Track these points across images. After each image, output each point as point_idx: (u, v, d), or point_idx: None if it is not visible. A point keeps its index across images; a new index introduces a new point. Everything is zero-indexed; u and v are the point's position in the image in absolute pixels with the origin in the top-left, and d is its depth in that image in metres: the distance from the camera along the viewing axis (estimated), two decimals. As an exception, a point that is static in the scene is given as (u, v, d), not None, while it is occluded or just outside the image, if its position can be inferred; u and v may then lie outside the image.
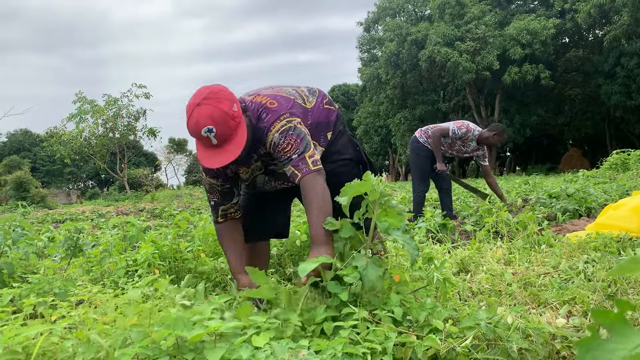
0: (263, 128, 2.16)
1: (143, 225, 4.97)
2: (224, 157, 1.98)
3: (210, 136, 1.95)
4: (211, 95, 1.98)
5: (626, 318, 0.50)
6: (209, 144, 1.99)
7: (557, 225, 4.93)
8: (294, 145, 2.12)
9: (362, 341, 1.50)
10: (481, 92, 34.31)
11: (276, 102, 2.24)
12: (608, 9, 27.19)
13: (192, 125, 1.96)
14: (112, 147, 32.46)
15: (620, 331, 0.49)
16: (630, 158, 14.06)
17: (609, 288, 2.56)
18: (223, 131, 1.96)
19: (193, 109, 1.96)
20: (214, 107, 1.95)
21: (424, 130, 5.88)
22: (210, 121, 1.93)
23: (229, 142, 1.99)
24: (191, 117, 1.96)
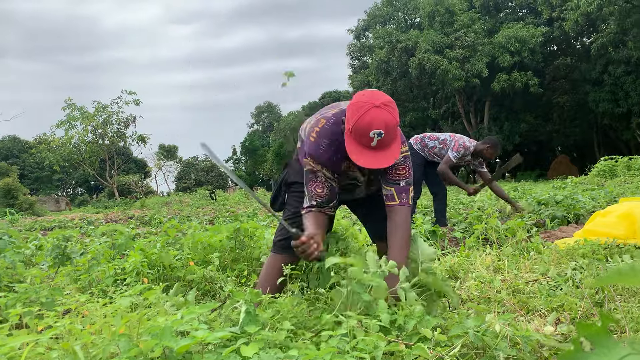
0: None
1: (132, 232, 4.94)
2: (379, 161, 2.06)
3: (375, 138, 2.02)
4: (389, 103, 2.08)
5: (609, 330, 0.50)
6: (366, 144, 2.04)
7: (546, 232, 4.96)
8: (406, 174, 2.33)
9: (351, 350, 1.50)
10: (470, 100, 34.55)
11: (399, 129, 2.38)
12: (595, 18, 27.51)
13: (366, 123, 2.01)
14: (101, 154, 32.30)
15: (603, 344, 0.49)
16: (618, 165, 14.20)
17: (596, 295, 2.58)
18: (388, 139, 2.05)
19: (371, 108, 2.02)
20: (390, 115, 2.04)
21: (419, 138, 5.94)
22: (384, 126, 2.01)
23: (384, 149, 2.07)
24: (367, 114, 2.01)
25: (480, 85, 30.98)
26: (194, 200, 24.52)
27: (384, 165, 2.07)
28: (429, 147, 5.83)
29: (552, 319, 2.19)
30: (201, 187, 38.01)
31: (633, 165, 14.07)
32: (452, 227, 5.45)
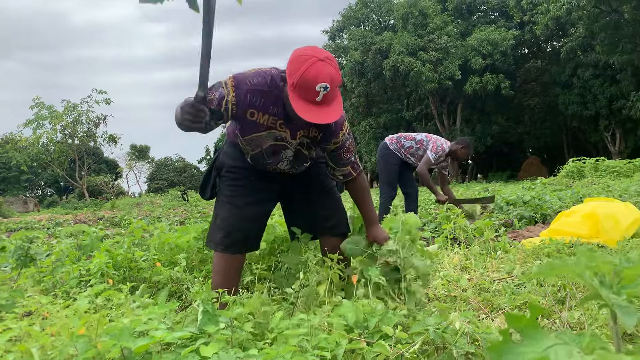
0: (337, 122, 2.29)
1: (100, 234, 4.86)
2: (325, 116, 2.02)
3: (320, 92, 1.97)
4: (332, 58, 2.05)
5: (538, 322, 0.51)
6: (312, 99, 1.99)
7: (514, 231, 5.04)
8: (352, 149, 2.44)
9: (313, 348, 1.50)
10: (444, 101, 34.95)
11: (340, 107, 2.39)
12: (564, 22, 28.10)
13: (312, 76, 1.95)
14: (71, 154, 31.68)
15: (532, 335, 0.50)
16: (586, 166, 14.53)
17: (558, 293, 2.64)
18: (331, 94, 2.01)
19: (315, 62, 1.97)
20: (335, 69, 2.01)
21: (395, 138, 5.92)
22: (329, 80, 1.97)
23: (329, 105, 2.04)
24: (312, 68, 1.96)
25: (453, 87, 31.37)
26: (165, 202, 24.23)
27: (331, 120, 2.03)
28: (405, 147, 5.82)
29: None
30: (173, 188, 37.60)
31: (600, 166, 14.41)
32: (422, 227, 5.49)
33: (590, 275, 0.52)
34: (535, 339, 0.50)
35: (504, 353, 0.48)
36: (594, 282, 0.52)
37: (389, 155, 5.80)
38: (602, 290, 0.51)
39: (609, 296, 0.50)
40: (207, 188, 2.58)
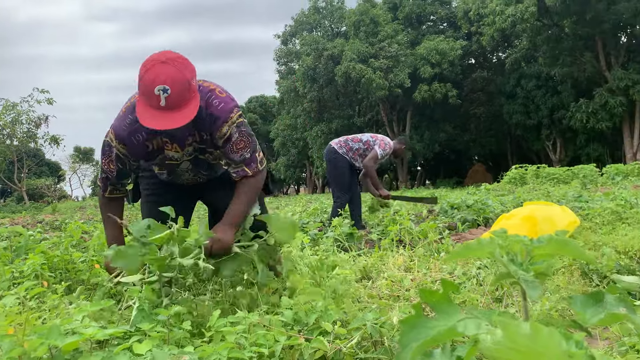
0: (217, 116, 2.13)
1: (37, 237, 4.66)
2: (171, 121, 1.89)
3: (161, 96, 1.86)
4: (178, 59, 1.93)
5: (450, 297, 0.53)
6: (156, 104, 1.88)
7: (457, 234, 5.17)
8: (247, 143, 2.20)
9: (250, 345, 1.49)
10: (394, 108, 35.54)
11: (224, 92, 2.21)
12: (509, 34, 29.15)
13: (149, 79, 1.86)
14: (9, 155, 30.27)
15: (444, 309, 0.51)
16: (528, 173, 15.05)
17: (496, 291, 2.73)
18: (176, 97, 1.88)
19: (155, 64, 1.88)
20: (178, 70, 1.89)
21: (342, 141, 5.95)
22: (169, 82, 1.86)
23: (176, 111, 1.90)
24: (150, 71, 1.87)
25: (403, 95, 31.95)
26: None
27: (176, 125, 1.90)
28: (353, 149, 5.86)
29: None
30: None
31: (541, 173, 14.96)
32: (369, 230, 5.55)
33: (501, 253, 0.54)
34: (447, 314, 0.52)
35: (416, 326, 0.49)
36: (504, 259, 0.54)
37: (338, 159, 5.83)
38: (510, 266, 0.53)
39: (517, 272, 0.52)
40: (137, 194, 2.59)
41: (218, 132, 2.15)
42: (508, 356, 0.43)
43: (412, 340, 0.49)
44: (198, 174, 2.41)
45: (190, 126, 2.07)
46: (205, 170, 2.39)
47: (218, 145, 2.22)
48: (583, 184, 12.38)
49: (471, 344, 0.54)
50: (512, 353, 0.43)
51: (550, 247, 0.55)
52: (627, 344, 1.58)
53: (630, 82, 25.51)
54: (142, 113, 1.91)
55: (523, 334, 0.41)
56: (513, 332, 0.42)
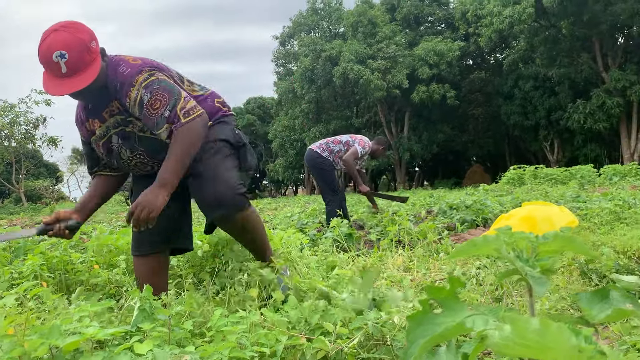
0: (122, 82, 2.01)
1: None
2: (70, 86, 1.89)
3: (60, 62, 1.85)
4: (71, 24, 1.91)
5: (457, 294, 0.53)
6: (58, 72, 1.88)
7: (456, 234, 5.17)
8: (163, 101, 1.99)
9: (252, 345, 1.48)
10: (392, 109, 35.56)
11: (140, 60, 2.11)
12: (507, 35, 29.20)
13: (44, 49, 1.86)
14: (7, 157, 30.19)
15: (451, 306, 0.51)
16: (526, 173, 15.08)
17: (496, 291, 2.73)
18: (76, 60, 1.87)
19: (49, 34, 1.87)
20: (71, 34, 1.87)
21: (323, 144, 5.97)
22: (64, 46, 1.85)
23: (79, 74, 1.89)
24: (44, 42, 1.86)
25: (401, 96, 31.98)
26: (108, 207, 23.49)
27: (77, 87, 1.88)
28: (334, 152, 5.89)
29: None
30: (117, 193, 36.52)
31: (539, 173, 14.99)
32: (368, 230, 5.56)
33: (507, 249, 0.55)
34: (454, 310, 0.52)
35: (423, 322, 0.49)
36: (511, 255, 0.54)
37: (324, 163, 5.85)
38: (517, 262, 0.53)
39: (524, 268, 0.52)
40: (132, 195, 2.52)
41: (127, 99, 2.02)
42: (517, 352, 0.43)
43: (420, 337, 0.49)
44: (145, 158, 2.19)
45: (103, 97, 2.07)
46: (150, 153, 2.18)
47: (135, 114, 2.07)
48: (581, 184, 12.41)
49: (477, 341, 0.55)
50: (521, 348, 0.43)
51: (556, 243, 0.55)
52: (628, 343, 1.59)
53: (628, 83, 25.58)
54: (46, 82, 1.91)
55: (532, 329, 0.41)
56: (522, 328, 0.42)
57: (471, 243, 0.58)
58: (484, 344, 0.53)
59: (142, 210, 1.93)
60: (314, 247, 4.27)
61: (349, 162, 5.76)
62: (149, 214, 1.93)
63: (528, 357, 0.43)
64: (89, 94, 2.01)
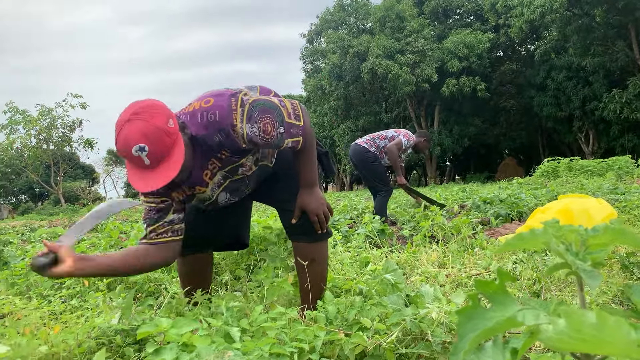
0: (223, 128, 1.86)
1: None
2: (158, 179, 1.71)
3: (142, 155, 1.68)
4: (142, 109, 1.71)
5: (506, 288, 0.53)
6: (141, 165, 1.71)
7: (491, 229, 5.10)
8: (272, 123, 1.90)
9: (291, 341, 1.50)
10: (421, 104, 35.24)
11: (211, 99, 1.94)
12: (538, 25, 28.58)
13: (122, 143, 1.69)
14: (46, 159, 31.10)
15: (500, 300, 0.51)
16: (560, 166, 14.75)
17: (533, 286, 2.69)
18: (157, 149, 1.69)
19: (122, 126, 1.70)
20: (145, 122, 1.68)
21: (370, 139, 6.06)
22: (142, 138, 1.67)
23: (164, 162, 1.72)
24: (120, 135, 1.70)
25: (430, 90, 31.65)
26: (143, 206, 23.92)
27: (162, 184, 1.71)
28: (380, 147, 5.96)
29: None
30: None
31: (574, 166, 14.65)
32: (401, 226, 5.53)
33: (557, 243, 0.54)
34: (503, 305, 0.51)
35: (473, 317, 0.49)
36: (561, 248, 0.53)
37: (373, 157, 5.95)
38: (568, 256, 0.52)
39: (575, 261, 0.52)
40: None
41: (241, 139, 1.89)
42: (572, 346, 0.43)
43: (470, 331, 0.49)
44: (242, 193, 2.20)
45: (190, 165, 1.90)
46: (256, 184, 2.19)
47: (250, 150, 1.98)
48: (618, 175, 12.08)
49: (527, 336, 0.54)
50: (577, 343, 0.42)
51: (606, 236, 0.54)
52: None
53: (666, 70, 24.78)
54: (132, 177, 1.76)
55: (588, 323, 0.41)
56: (578, 322, 0.41)
57: (519, 237, 0.57)
58: (533, 338, 0.53)
59: (320, 214, 2.04)
60: (346, 244, 4.28)
61: (393, 151, 5.83)
62: (325, 210, 2.06)
63: (583, 352, 0.43)
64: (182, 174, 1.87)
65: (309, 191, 2.06)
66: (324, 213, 2.06)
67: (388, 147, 5.87)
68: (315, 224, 2.07)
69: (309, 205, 2.04)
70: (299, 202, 2.08)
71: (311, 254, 2.13)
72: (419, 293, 1.94)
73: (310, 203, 2.05)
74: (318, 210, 2.05)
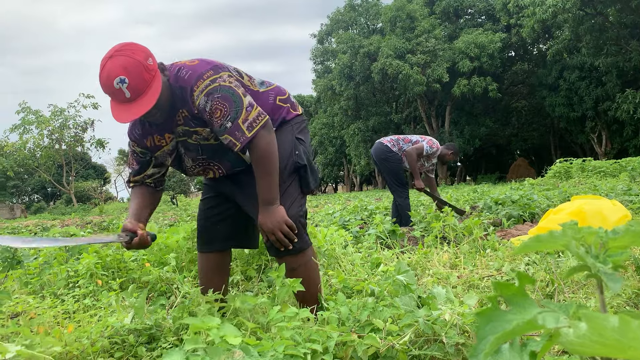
0: (185, 87, 1.98)
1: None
2: (138, 110, 1.85)
3: (122, 88, 1.82)
4: (124, 47, 1.88)
5: (525, 291, 0.52)
6: (122, 98, 1.85)
7: (502, 230, 5.07)
8: (223, 111, 1.95)
9: (305, 341, 1.50)
10: (432, 104, 35.14)
11: (197, 60, 2.06)
12: (550, 25, 28.40)
13: (104, 77, 1.83)
14: (58, 159, 31.39)
15: (519, 302, 0.51)
16: (573, 167, 14.62)
17: (547, 287, 2.66)
18: (137, 83, 1.83)
19: (106, 62, 1.85)
20: (127, 57, 1.84)
21: (394, 140, 6.10)
22: (123, 71, 1.81)
23: (142, 96, 1.86)
24: (103, 70, 1.84)
25: (441, 90, 31.56)
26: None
27: (140, 113, 1.84)
28: (403, 149, 6.00)
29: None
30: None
31: (587, 166, 14.52)
32: (411, 227, 5.51)
33: (576, 245, 0.53)
34: (523, 307, 0.51)
35: (493, 319, 0.49)
36: (581, 251, 0.53)
37: (394, 157, 6.00)
38: (588, 258, 0.52)
39: (595, 264, 0.51)
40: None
41: (194, 105, 1.99)
42: (594, 350, 0.42)
43: (489, 333, 0.48)
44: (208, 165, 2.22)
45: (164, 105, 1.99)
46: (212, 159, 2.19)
47: (204, 119, 2.03)
48: (632, 176, 11.95)
49: (546, 339, 0.54)
50: (599, 347, 0.42)
51: (627, 238, 0.53)
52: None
53: (681, 70, 24.50)
54: (114, 111, 1.89)
55: (611, 327, 0.40)
56: (600, 325, 0.41)
57: (536, 239, 0.57)
58: (553, 341, 0.52)
59: (276, 233, 2.00)
60: (357, 244, 4.27)
61: (411, 155, 5.85)
62: (283, 228, 2.01)
63: (605, 356, 0.42)
64: (158, 112, 1.98)
65: (265, 209, 2.01)
66: (282, 231, 2.01)
67: (407, 150, 5.89)
68: (275, 243, 2.04)
69: (264, 225, 2.02)
70: (258, 222, 2.06)
71: (288, 265, 2.11)
72: (431, 294, 1.94)
73: (265, 223, 2.01)
74: (274, 230, 2.01)
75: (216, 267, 2.43)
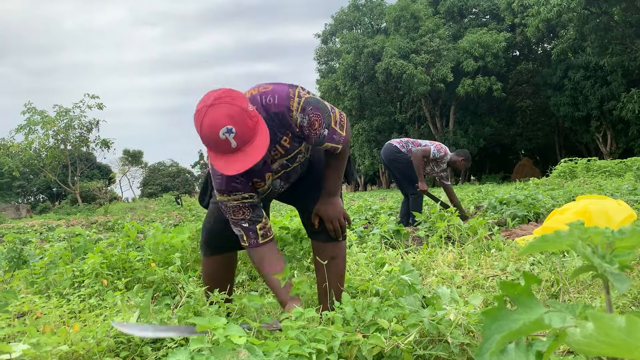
0: (280, 111, 1.93)
1: (93, 237, 4.84)
2: (246, 160, 1.73)
3: (229, 138, 1.69)
4: (223, 94, 1.74)
5: (532, 290, 0.52)
6: (227, 149, 1.72)
7: (507, 230, 5.06)
8: (319, 121, 1.96)
9: (309, 341, 1.50)
10: (436, 104, 35.07)
11: (270, 85, 2.00)
12: (555, 24, 28.30)
13: (207, 127, 1.69)
14: (63, 159, 31.45)
15: (525, 302, 0.51)
16: (578, 166, 14.57)
17: (552, 287, 2.66)
18: (243, 131, 1.71)
19: (206, 111, 1.70)
20: (230, 105, 1.71)
21: (404, 141, 6.17)
22: (229, 120, 1.68)
23: (249, 144, 1.75)
24: (205, 119, 1.70)
25: (446, 90, 31.49)
26: (159, 206, 24.15)
27: (254, 161, 1.74)
28: (411, 151, 6.03)
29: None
30: (167, 193, 37.49)
31: (592, 166, 14.46)
32: (416, 227, 5.51)
33: (583, 245, 0.53)
34: (529, 307, 0.51)
35: (499, 318, 0.49)
36: (587, 251, 0.53)
37: (403, 157, 6.04)
38: (595, 259, 0.52)
39: (602, 264, 0.51)
40: (205, 195, 2.48)
41: (296, 124, 1.95)
42: (600, 350, 0.42)
43: (495, 332, 0.48)
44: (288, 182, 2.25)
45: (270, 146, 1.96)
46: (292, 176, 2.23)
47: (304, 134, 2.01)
48: (637, 176, 11.89)
49: (552, 339, 0.54)
50: (605, 347, 0.42)
51: (633, 238, 0.53)
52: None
53: (687, 69, 24.36)
54: (219, 162, 1.76)
55: (617, 326, 0.40)
56: (606, 325, 0.41)
57: (543, 239, 0.57)
58: (559, 341, 0.52)
59: (335, 222, 2.10)
60: (361, 244, 4.27)
61: (417, 156, 5.89)
62: (341, 219, 2.11)
63: (611, 356, 0.42)
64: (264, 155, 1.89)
65: (329, 200, 2.13)
66: (339, 222, 2.12)
67: (414, 150, 5.93)
68: (331, 232, 2.13)
69: (326, 213, 2.11)
70: (316, 209, 2.14)
71: (330, 253, 2.17)
72: (436, 294, 1.94)
73: (327, 211, 2.11)
74: (336, 218, 2.11)
75: (224, 268, 2.41)
